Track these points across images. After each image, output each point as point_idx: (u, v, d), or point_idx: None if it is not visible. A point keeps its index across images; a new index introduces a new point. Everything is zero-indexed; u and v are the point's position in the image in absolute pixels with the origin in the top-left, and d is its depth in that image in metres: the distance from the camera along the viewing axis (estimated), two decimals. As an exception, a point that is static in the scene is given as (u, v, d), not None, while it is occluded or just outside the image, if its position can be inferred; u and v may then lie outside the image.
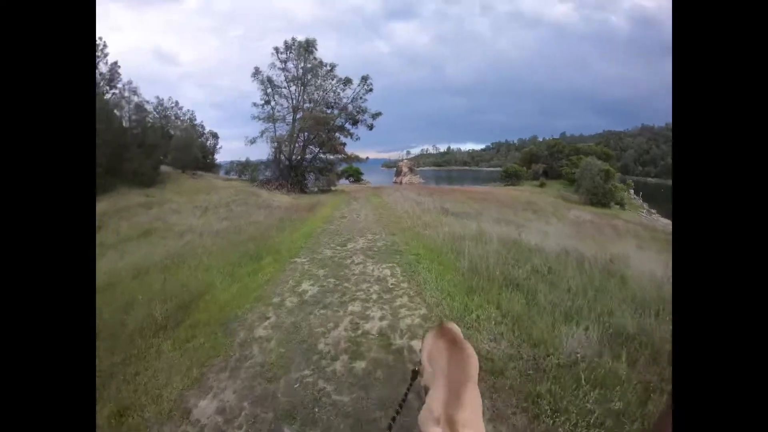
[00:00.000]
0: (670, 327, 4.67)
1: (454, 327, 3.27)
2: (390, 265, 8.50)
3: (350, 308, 6.08)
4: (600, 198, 46.68)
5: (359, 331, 5.28)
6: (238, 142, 39.72)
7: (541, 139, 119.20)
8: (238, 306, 6.17)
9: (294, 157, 38.16)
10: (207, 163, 45.09)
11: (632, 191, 61.55)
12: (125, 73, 35.80)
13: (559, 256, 8.75)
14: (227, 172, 45.35)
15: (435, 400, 2.32)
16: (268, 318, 5.76)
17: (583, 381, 3.88)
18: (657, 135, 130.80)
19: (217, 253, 9.73)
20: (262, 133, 37.93)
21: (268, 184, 35.21)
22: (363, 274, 7.86)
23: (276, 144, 37.36)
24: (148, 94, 46.03)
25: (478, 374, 2.60)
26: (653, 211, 50.64)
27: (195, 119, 47.19)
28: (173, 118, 44.25)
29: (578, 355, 4.38)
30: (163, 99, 43.46)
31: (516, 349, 4.68)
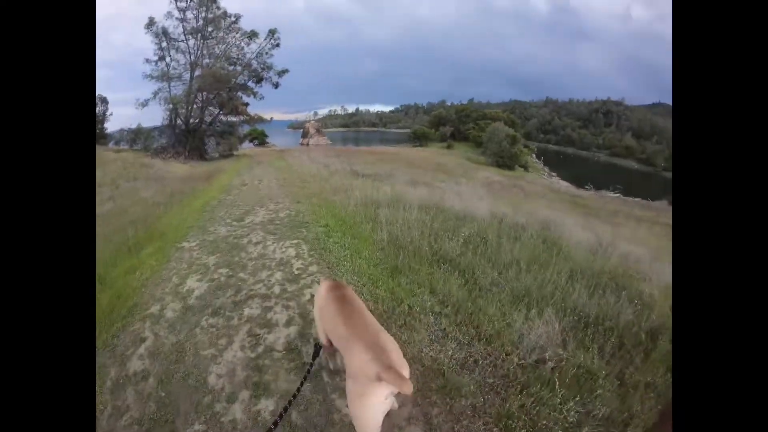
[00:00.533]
0: (633, 308, 4.38)
1: (335, 283, 3.18)
2: (295, 242, 7.18)
3: (246, 312, 4.71)
4: (506, 161, 49.06)
5: (260, 348, 3.99)
6: (133, 108, 34.60)
7: (449, 104, 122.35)
8: (108, 326, 4.55)
9: (192, 120, 34.99)
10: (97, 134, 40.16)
11: (534, 156, 66.32)
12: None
13: (491, 224, 7.89)
14: (117, 143, 39.59)
15: (363, 361, 2.22)
16: (144, 340, 4.26)
17: (557, 386, 3.19)
18: (560, 108, 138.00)
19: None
20: (155, 94, 33.75)
21: (163, 152, 32.10)
22: (262, 258, 6.50)
23: (171, 106, 33.66)
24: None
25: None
26: (553, 174, 54.57)
27: None
28: None
29: (543, 353, 3.63)
30: None
31: (466, 351, 3.74)
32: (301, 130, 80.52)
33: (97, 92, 42.97)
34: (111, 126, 43.60)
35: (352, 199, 10.06)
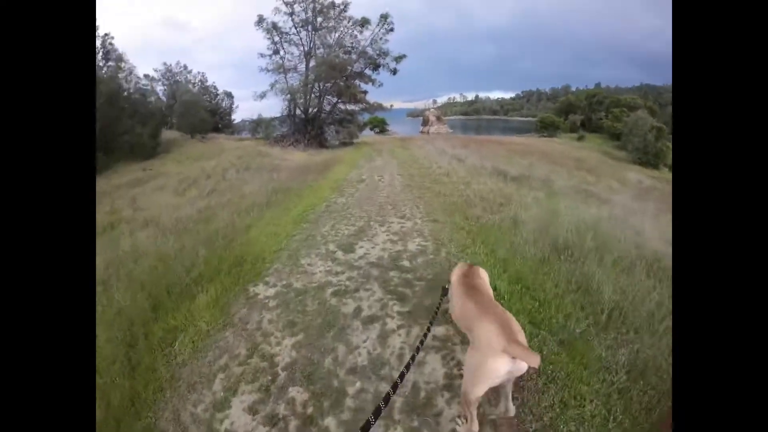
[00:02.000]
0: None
1: (470, 266, 3.22)
2: (442, 333, 3.61)
3: None
4: (650, 158, 40.89)
5: None
6: (257, 102, 34.67)
7: (574, 89, 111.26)
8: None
9: (310, 109, 33.44)
10: (223, 124, 43.47)
11: (674, 151, 55.46)
12: (138, 47, 33.65)
13: None
14: (239, 132, 41.58)
15: (492, 334, 2.25)
16: None
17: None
18: None
19: (127, 290, 4.62)
20: (272, 85, 32.73)
21: (282, 140, 31.19)
22: (375, 354, 3.43)
23: (289, 96, 32.48)
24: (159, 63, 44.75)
25: None
26: None
27: (206, 81, 45.04)
28: (184, 82, 41.78)
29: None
30: (171, 65, 41.62)
31: None
32: (421, 118, 77.18)
33: (222, 89, 47.04)
34: (239, 117, 46.68)
35: (523, 228, 6.25)
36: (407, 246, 6.02)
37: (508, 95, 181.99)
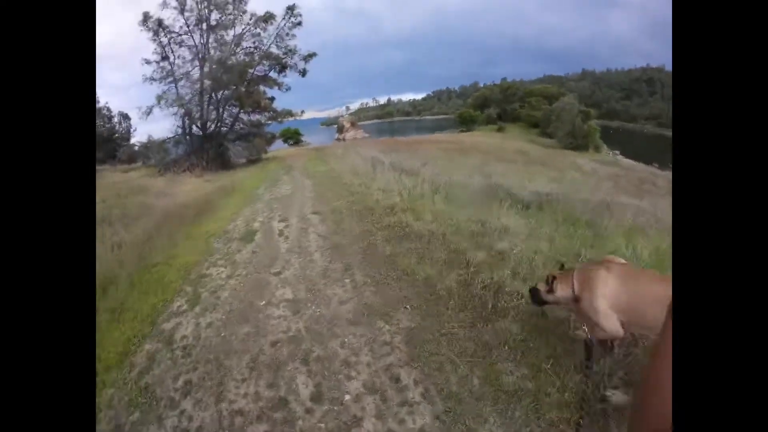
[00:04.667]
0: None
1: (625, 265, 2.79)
2: None
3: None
4: (579, 141, 39.65)
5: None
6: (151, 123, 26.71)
7: (482, 85, 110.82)
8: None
9: (209, 123, 26.93)
10: (107, 153, 34.29)
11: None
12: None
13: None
14: (129, 161, 32.60)
15: None
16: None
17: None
18: (599, 79, 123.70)
19: None
20: (159, 98, 25.44)
21: (175, 166, 24.22)
22: None
23: (181, 109, 25.54)
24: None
25: None
26: (616, 152, 45.31)
27: (97, 102, 35.54)
28: None
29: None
30: None
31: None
32: (336, 126, 72.86)
33: (118, 110, 38.86)
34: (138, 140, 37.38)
35: None
36: None
37: (419, 96, 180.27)
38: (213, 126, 27.21)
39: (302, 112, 30.92)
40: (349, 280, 4.63)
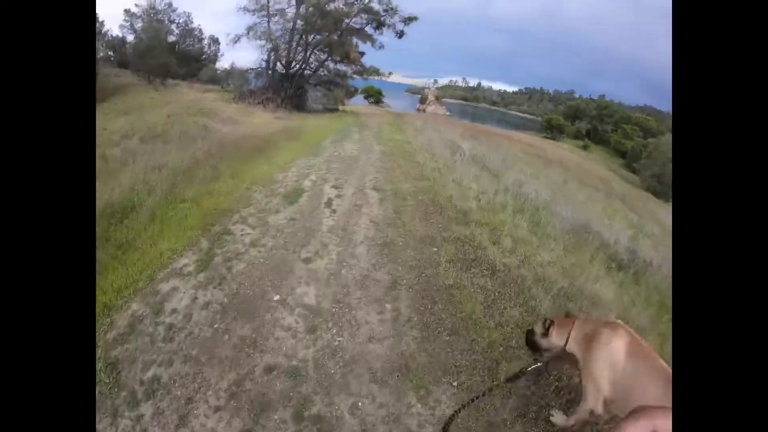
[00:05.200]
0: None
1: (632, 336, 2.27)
2: None
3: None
4: (664, 188, 35.35)
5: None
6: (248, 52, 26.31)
7: (577, 96, 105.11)
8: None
9: (293, 63, 25.85)
10: (188, 72, 35.31)
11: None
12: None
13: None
14: (209, 82, 33.64)
15: None
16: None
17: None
18: None
19: None
20: (250, 29, 24.74)
21: (250, 96, 23.60)
22: None
23: (270, 45, 24.69)
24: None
25: None
26: None
27: (191, 23, 37.16)
28: (167, 22, 34.25)
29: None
30: (154, 2, 33.51)
31: None
32: (419, 96, 71.85)
33: (209, 33, 40.64)
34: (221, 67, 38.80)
35: None
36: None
37: (510, 89, 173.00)
38: (297, 66, 26.30)
39: (390, 73, 29.47)
40: (390, 306, 3.47)
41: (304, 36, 25.39)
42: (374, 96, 48.33)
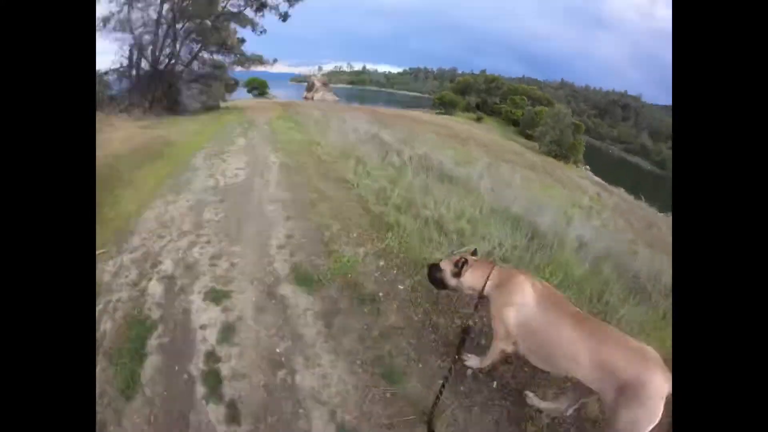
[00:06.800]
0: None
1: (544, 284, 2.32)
2: None
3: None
4: (563, 152, 39.71)
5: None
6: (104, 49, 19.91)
7: (460, 72, 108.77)
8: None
9: (161, 58, 21.51)
10: None
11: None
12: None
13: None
14: None
15: (639, 365, 1.72)
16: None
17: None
18: (576, 92, 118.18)
19: None
20: (105, 21, 19.32)
21: (111, 104, 18.59)
22: None
23: (132, 37, 20.07)
24: None
25: None
26: (587, 167, 45.07)
27: None
28: None
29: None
30: None
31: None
32: (305, 84, 69.37)
33: None
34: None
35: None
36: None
37: (395, 70, 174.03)
38: (167, 62, 21.98)
39: (275, 60, 25.69)
40: None
41: (172, 25, 21.18)
42: (259, 88, 44.88)
